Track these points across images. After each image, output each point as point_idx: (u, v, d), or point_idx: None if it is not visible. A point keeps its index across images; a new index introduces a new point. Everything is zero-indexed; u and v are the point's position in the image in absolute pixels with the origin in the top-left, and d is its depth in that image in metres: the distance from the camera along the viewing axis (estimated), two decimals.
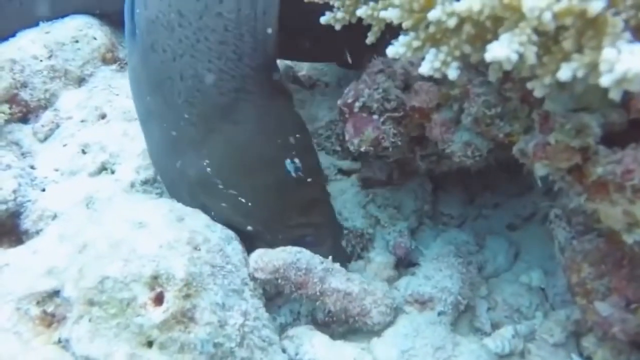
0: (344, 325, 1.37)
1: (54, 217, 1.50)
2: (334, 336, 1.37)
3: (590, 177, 0.85)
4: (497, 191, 1.93)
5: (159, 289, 1.08)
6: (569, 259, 1.25)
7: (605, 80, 0.58)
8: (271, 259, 1.28)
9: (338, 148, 1.79)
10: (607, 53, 0.59)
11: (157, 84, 1.34)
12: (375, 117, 1.28)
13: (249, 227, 1.38)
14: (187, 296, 1.08)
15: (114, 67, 2.03)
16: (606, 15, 0.68)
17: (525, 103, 1.11)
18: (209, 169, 1.34)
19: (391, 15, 0.87)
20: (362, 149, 1.29)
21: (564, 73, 0.64)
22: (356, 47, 1.24)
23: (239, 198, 1.36)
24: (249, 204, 1.36)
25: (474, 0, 0.69)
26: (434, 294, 1.41)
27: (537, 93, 0.75)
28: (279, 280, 1.27)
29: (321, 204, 1.52)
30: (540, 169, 0.94)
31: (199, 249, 1.17)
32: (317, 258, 1.34)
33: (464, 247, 1.64)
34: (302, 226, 1.45)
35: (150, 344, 1.04)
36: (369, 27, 1.01)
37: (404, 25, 0.89)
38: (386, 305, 1.34)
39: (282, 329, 1.37)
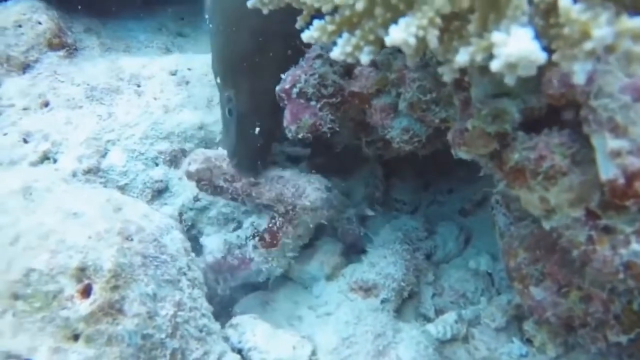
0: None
1: None
2: None
3: (508, 163, 0.85)
4: (452, 176, 1.94)
5: (86, 281, 1.06)
6: (506, 244, 1.25)
7: (494, 65, 0.57)
8: (204, 151, 1.35)
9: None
10: (496, 37, 0.57)
11: None
12: (312, 103, 1.26)
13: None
14: (115, 288, 1.06)
15: (61, 52, 1.96)
16: None
17: (459, 89, 1.10)
18: None
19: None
20: (300, 136, 1.27)
21: (461, 57, 0.63)
22: None
23: None
24: None
25: None
26: (377, 281, 1.41)
27: (446, 78, 0.73)
28: (212, 171, 1.33)
29: None
30: (463, 155, 0.93)
31: (131, 239, 1.15)
32: None
33: (413, 233, 1.65)
34: None
35: (76, 337, 1.02)
36: None
37: (323, 9, 0.87)
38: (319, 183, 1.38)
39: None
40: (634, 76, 0.70)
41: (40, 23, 1.93)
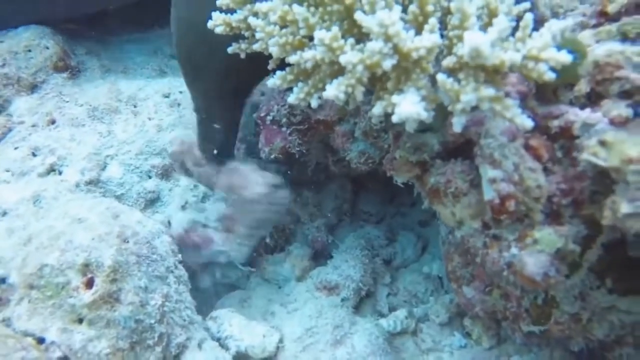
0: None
1: (4, 213, 1.66)
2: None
3: (428, 185, 1.08)
4: (415, 190, 2.17)
5: (89, 275, 1.28)
6: (446, 250, 1.48)
7: (393, 118, 0.81)
8: (182, 137, 1.60)
9: None
10: (395, 98, 0.81)
11: None
12: (283, 129, 1.49)
13: None
14: (113, 280, 1.28)
15: (65, 74, 2.17)
16: (421, 63, 0.90)
17: (394, 125, 1.34)
18: None
19: (273, 51, 1.08)
20: (272, 157, 1.51)
21: (376, 109, 0.86)
22: None
23: None
24: None
25: (317, 51, 0.91)
26: (339, 282, 1.64)
27: (374, 120, 0.97)
28: (185, 155, 1.57)
29: None
30: (397, 177, 1.16)
31: (127, 241, 1.37)
32: None
33: (375, 241, 1.88)
34: None
35: (80, 320, 1.24)
36: None
37: (286, 60, 1.10)
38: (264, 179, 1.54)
39: None
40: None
41: (47, 47, 2.14)
